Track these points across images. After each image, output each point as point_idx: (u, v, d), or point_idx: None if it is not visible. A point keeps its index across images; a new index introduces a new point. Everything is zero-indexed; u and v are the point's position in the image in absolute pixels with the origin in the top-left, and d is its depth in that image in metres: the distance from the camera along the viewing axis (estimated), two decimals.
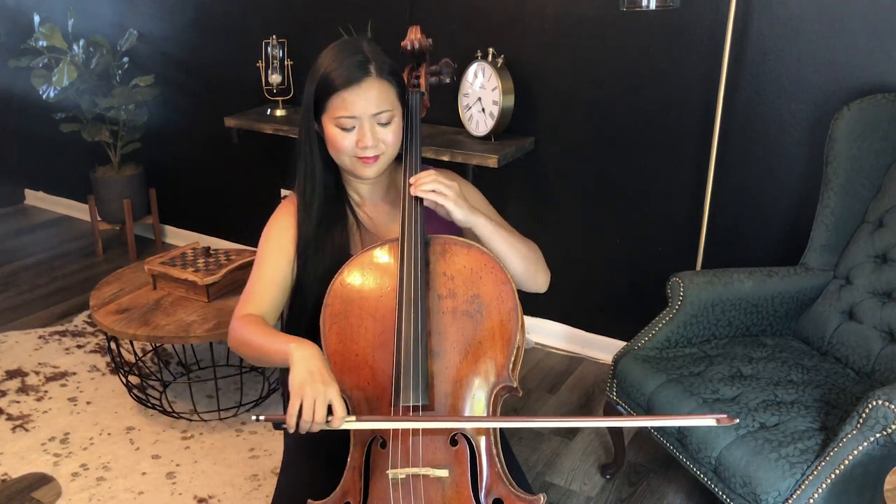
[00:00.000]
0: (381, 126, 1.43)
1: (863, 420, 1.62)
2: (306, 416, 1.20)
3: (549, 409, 2.71)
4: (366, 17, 3.01)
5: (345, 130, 1.42)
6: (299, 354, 1.26)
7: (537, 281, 1.53)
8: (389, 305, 1.35)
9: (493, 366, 1.31)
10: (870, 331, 2.05)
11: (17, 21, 4.08)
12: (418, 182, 1.39)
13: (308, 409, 1.20)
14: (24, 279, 3.73)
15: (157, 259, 2.68)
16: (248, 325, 1.40)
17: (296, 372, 1.23)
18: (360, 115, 1.41)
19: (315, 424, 1.21)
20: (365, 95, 1.40)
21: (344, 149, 1.43)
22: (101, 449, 2.48)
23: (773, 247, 2.56)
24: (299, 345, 1.28)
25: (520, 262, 1.46)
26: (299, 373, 1.23)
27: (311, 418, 1.20)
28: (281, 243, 1.51)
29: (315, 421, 1.20)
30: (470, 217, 1.40)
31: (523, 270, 1.47)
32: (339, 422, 1.22)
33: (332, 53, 1.43)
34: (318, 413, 1.20)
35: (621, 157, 2.74)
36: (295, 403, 1.21)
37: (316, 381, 1.22)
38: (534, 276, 1.51)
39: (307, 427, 1.22)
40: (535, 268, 1.50)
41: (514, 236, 1.48)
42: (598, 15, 2.62)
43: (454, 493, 1.26)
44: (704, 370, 2.05)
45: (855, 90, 2.28)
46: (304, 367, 1.24)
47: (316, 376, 1.23)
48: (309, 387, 1.21)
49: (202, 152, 3.82)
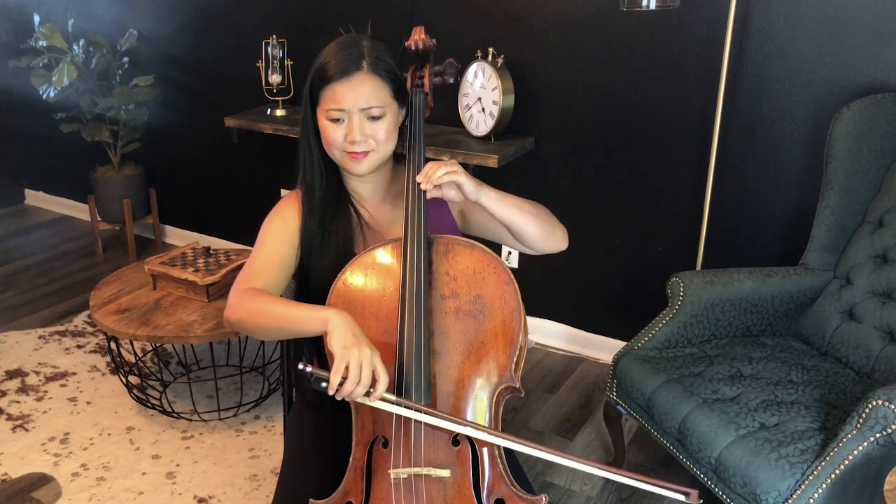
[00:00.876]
0: (372, 121, 1.43)
1: (863, 420, 1.62)
2: (353, 378, 1.18)
3: (549, 409, 2.71)
4: (366, 17, 3.01)
5: (335, 123, 1.42)
6: (341, 318, 1.24)
7: (556, 238, 1.51)
8: (392, 305, 1.35)
9: (496, 366, 1.31)
10: (870, 331, 2.06)
11: (17, 21, 4.08)
12: (429, 176, 1.37)
13: (355, 370, 1.18)
14: (24, 279, 3.73)
15: (157, 259, 2.68)
16: (260, 296, 1.36)
17: (339, 334, 1.21)
18: (348, 109, 1.41)
19: (360, 387, 1.19)
20: (355, 89, 1.40)
21: (333, 142, 1.44)
22: (101, 449, 2.48)
23: (773, 247, 2.57)
24: (338, 310, 1.26)
25: (534, 224, 1.45)
26: (344, 335, 1.21)
27: (357, 380, 1.18)
28: (285, 227, 1.49)
29: (362, 383, 1.18)
30: (479, 188, 1.40)
31: (539, 231, 1.47)
32: (382, 391, 1.20)
33: (332, 47, 1.45)
34: (364, 376, 1.18)
35: (621, 157, 2.75)
36: (340, 365, 1.18)
37: (363, 344, 1.21)
38: (551, 233, 1.50)
39: (349, 390, 1.18)
40: (550, 226, 1.49)
41: (521, 200, 1.46)
42: (598, 15, 2.62)
43: (456, 493, 1.26)
44: (704, 370, 2.05)
45: (855, 90, 2.29)
46: (348, 331, 1.22)
47: (362, 340, 1.22)
48: (356, 349, 1.19)
49: (202, 152, 3.82)
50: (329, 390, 1.19)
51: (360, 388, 1.19)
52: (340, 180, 1.55)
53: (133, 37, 3.65)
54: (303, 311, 1.30)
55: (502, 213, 1.43)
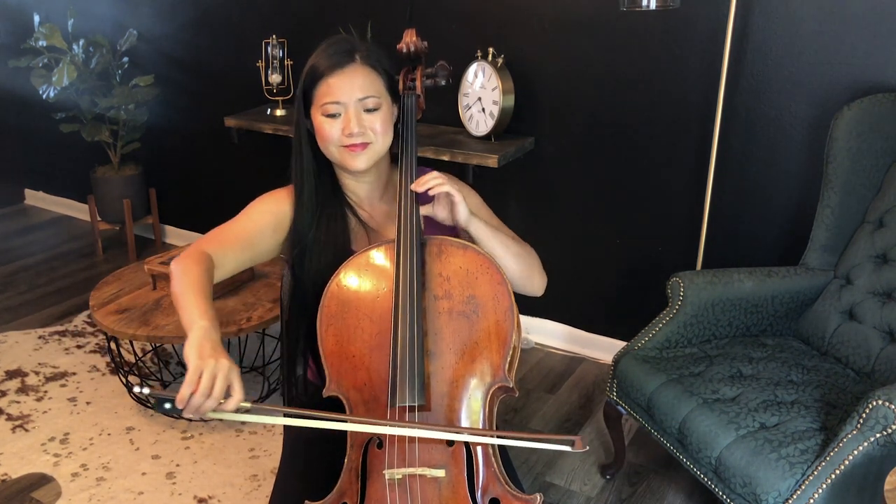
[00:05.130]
0: (368, 112, 1.43)
1: (863, 420, 1.62)
2: (203, 390, 1.12)
3: (549, 409, 2.71)
4: (366, 18, 3.01)
5: (331, 118, 1.42)
6: (205, 331, 1.20)
7: (533, 283, 1.53)
8: (386, 306, 1.35)
9: (490, 366, 1.31)
10: (870, 331, 2.05)
11: (17, 21, 4.09)
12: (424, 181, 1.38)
13: (207, 382, 1.12)
14: (24, 279, 3.73)
15: (156, 259, 2.69)
16: (193, 266, 1.34)
17: (196, 344, 1.17)
18: (345, 101, 1.41)
19: (210, 401, 1.13)
20: (350, 81, 1.41)
21: (331, 137, 1.43)
22: (101, 449, 2.48)
23: (773, 247, 2.56)
24: (211, 324, 1.22)
25: (514, 264, 1.46)
26: (201, 345, 1.17)
27: (208, 393, 1.12)
28: (273, 211, 1.49)
29: (213, 396, 1.12)
30: (471, 217, 1.41)
31: (518, 272, 1.47)
32: (235, 404, 1.15)
33: (321, 47, 1.46)
34: (216, 389, 1.12)
35: (621, 157, 2.74)
36: (194, 377, 1.12)
37: (220, 357, 1.16)
38: (529, 278, 1.51)
39: (198, 403, 1.12)
40: (529, 271, 1.50)
41: (509, 239, 1.48)
42: (598, 15, 2.62)
43: (451, 493, 1.26)
44: (704, 370, 2.04)
45: (855, 90, 2.28)
46: (207, 343, 1.18)
47: (220, 354, 1.17)
48: (213, 360, 1.15)
49: (202, 152, 3.82)
50: (178, 404, 1.12)
51: (210, 402, 1.13)
52: (336, 181, 1.54)
53: (133, 37, 3.65)
54: (187, 308, 1.26)
55: (488, 246, 1.42)
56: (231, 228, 1.48)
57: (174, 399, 1.13)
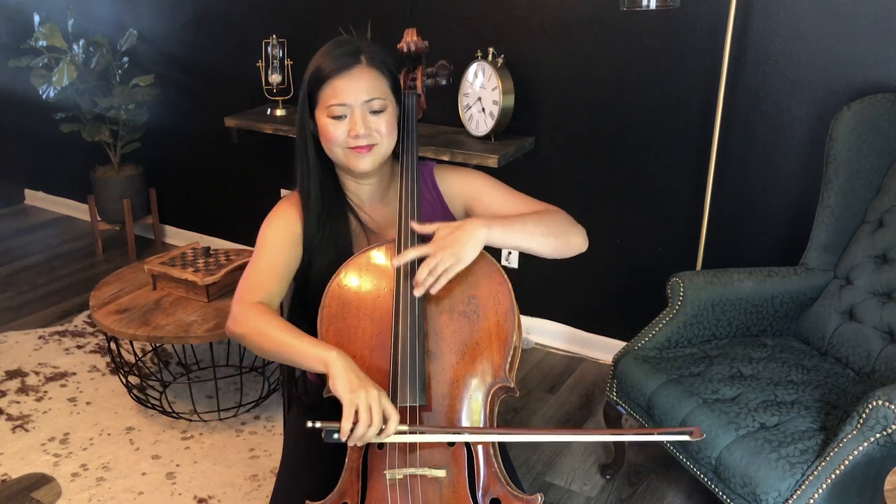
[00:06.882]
0: (374, 114, 1.42)
1: (863, 420, 1.62)
2: (364, 421, 1.18)
3: (549, 409, 2.71)
4: (366, 17, 3.01)
5: (337, 119, 1.42)
6: (343, 362, 1.24)
7: (572, 246, 1.48)
8: (386, 307, 1.35)
9: (490, 366, 1.31)
10: (870, 331, 2.05)
11: (17, 21, 4.08)
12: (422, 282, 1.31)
13: (365, 414, 1.18)
14: (24, 279, 3.73)
15: (156, 259, 2.68)
16: (266, 316, 1.34)
17: (344, 379, 1.21)
18: (351, 103, 1.41)
19: (372, 429, 1.19)
20: (356, 83, 1.40)
21: (336, 139, 1.42)
22: (101, 449, 2.48)
23: (773, 247, 2.56)
24: (340, 353, 1.25)
25: (545, 243, 1.42)
26: (349, 379, 1.21)
27: (368, 423, 1.18)
28: (285, 233, 1.48)
29: (374, 425, 1.19)
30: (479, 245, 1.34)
31: (551, 250, 1.43)
32: (394, 427, 1.21)
33: (325, 48, 1.45)
34: (375, 418, 1.19)
35: (621, 157, 2.74)
36: (350, 410, 1.19)
37: (369, 385, 1.21)
38: (566, 245, 1.46)
39: (361, 434, 1.19)
40: (564, 240, 1.45)
41: (530, 223, 1.41)
42: (598, 15, 2.62)
43: (451, 493, 1.26)
44: (704, 370, 2.05)
45: (855, 90, 2.28)
46: (352, 374, 1.22)
47: (367, 382, 1.22)
48: (363, 391, 1.19)
49: (202, 152, 3.82)
50: (342, 437, 1.20)
51: (371, 430, 1.19)
52: (338, 184, 1.54)
53: (133, 37, 3.64)
54: (306, 346, 1.28)
55: (512, 244, 1.38)
56: (259, 269, 1.45)
57: (339, 430, 1.20)
